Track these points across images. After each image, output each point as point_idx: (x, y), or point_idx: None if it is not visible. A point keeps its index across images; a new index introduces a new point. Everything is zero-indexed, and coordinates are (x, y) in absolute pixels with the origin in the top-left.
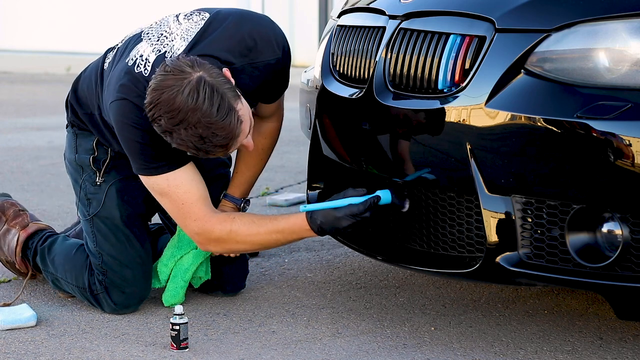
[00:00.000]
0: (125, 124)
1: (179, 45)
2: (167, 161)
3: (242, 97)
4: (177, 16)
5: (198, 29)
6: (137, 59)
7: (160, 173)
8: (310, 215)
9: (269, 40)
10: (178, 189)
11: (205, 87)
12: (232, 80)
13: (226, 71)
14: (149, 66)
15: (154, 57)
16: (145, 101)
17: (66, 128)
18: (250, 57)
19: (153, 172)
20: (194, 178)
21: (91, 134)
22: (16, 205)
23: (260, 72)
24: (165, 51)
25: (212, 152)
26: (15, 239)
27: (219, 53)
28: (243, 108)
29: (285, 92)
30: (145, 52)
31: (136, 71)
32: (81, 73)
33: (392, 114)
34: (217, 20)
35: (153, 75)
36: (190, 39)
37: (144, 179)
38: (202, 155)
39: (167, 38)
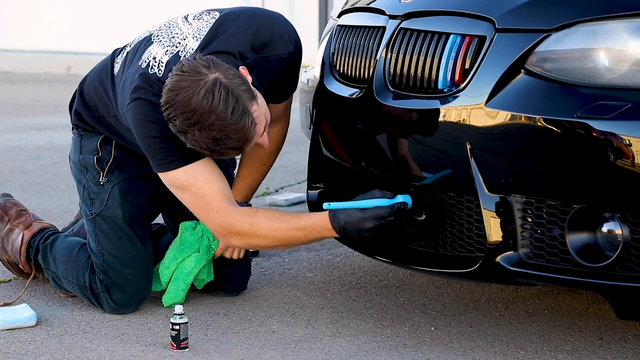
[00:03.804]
0: (141, 121)
1: (192, 45)
2: (185, 154)
3: (258, 96)
4: (185, 17)
5: (210, 27)
6: (150, 61)
7: (179, 166)
8: (333, 214)
9: (281, 35)
10: (197, 181)
11: (220, 89)
12: (249, 78)
13: (242, 69)
14: (162, 67)
15: (167, 58)
16: (160, 100)
17: (72, 131)
18: (264, 51)
19: (172, 166)
20: (213, 170)
21: (96, 135)
22: (18, 205)
23: (273, 67)
24: (179, 51)
25: (226, 154)
26: (20, 238)
27: (233, 49)
28: (258, 109)
29: None
30: (158, 54)
31: (150, 73)
32: (86, 76)
33: (392, 114)
34: (229, 18)
35: (170, 74)
36: (202, 38)
37: (163, 176)
38: (216, 156)
39: (178, 38)
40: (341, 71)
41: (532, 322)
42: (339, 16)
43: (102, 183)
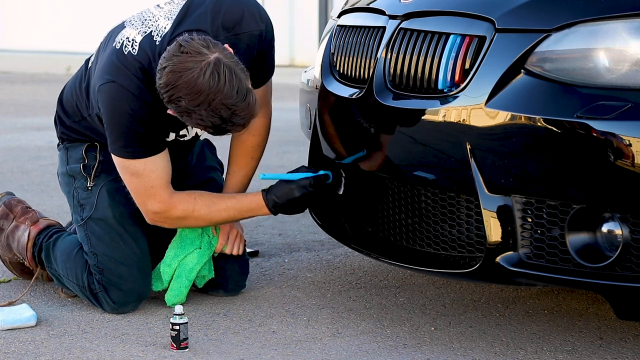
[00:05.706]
0: (114, 108)
1: (164, 24)
2: (148, 147)
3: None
4: (158, 4)
5: (180, 8)
6: (123, 41)
7: (139, 157)
8: (266, 193)
9: (251, 13)
10: (152, 174)
11: (224, 69)
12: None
13: (227, 47)
14: (136, 46)
15: (140, 37)
16: (159, 82)
17: (57, 147)
18: (235, 29)
19: (132, 155)
20: (167, 165)
21: (80, 144)
22: (23, 203)
23: (245, 45)
24: (151, 31)
25: (230, 131)
26: (26, 234)
27: (206, 27)
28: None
29: (285, 92)
30: (131, 34)
31: (125, 51)
32: (64, 87)
33: (392, 114)
34: (197, 0)
35: (165, 55)
36: (174, 18)
37: (118, 159)
38: (218, 133)
39: (151, 20)
40: (341, 71)
41: (532, 322)
42: (339, 16)
43: (90, 188)
